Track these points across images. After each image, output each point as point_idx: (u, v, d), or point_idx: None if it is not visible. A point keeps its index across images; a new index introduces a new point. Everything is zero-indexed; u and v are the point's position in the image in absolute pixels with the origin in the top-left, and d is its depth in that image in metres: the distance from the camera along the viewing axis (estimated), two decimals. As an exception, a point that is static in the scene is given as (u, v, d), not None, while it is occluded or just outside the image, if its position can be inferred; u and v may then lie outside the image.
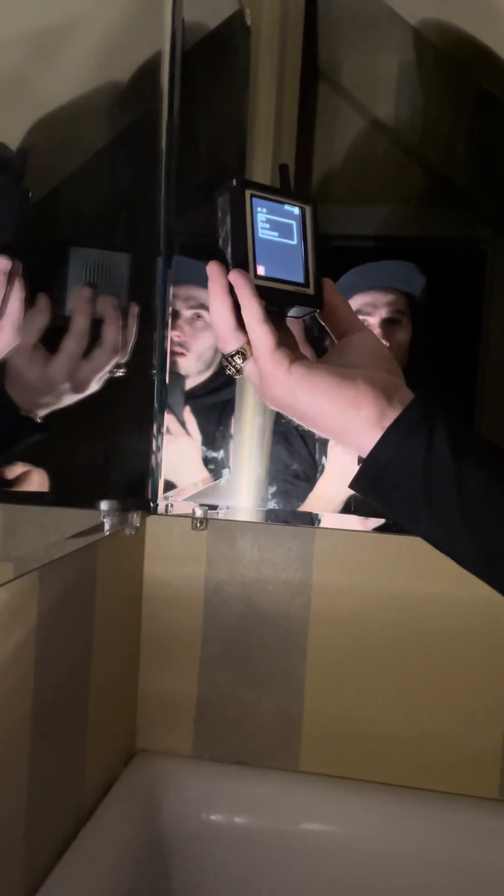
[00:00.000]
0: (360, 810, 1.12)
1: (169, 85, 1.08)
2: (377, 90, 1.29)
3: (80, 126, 0.88)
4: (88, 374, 0.80)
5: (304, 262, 0.65)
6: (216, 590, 1.19)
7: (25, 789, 0.87)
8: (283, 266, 0.64)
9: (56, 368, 0.76)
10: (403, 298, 1.20)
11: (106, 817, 1.03)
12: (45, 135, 0.77)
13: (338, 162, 1.30)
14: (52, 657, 0.91)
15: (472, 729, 1.13)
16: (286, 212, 0.65)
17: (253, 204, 0.62)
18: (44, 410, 0.78)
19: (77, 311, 0.78)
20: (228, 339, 0.62)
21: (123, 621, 1.16)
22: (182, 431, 1.17)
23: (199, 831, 1.12)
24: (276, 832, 1.12)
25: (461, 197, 1.29)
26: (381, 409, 0.58)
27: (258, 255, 0.62)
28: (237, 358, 0.62)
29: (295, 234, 0.65)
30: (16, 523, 0.84)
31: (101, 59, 0.93)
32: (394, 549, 1.14)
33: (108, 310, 0.81)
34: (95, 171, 0.93)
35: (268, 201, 0.63)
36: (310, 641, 1.17)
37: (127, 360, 0.85)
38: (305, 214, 0.66)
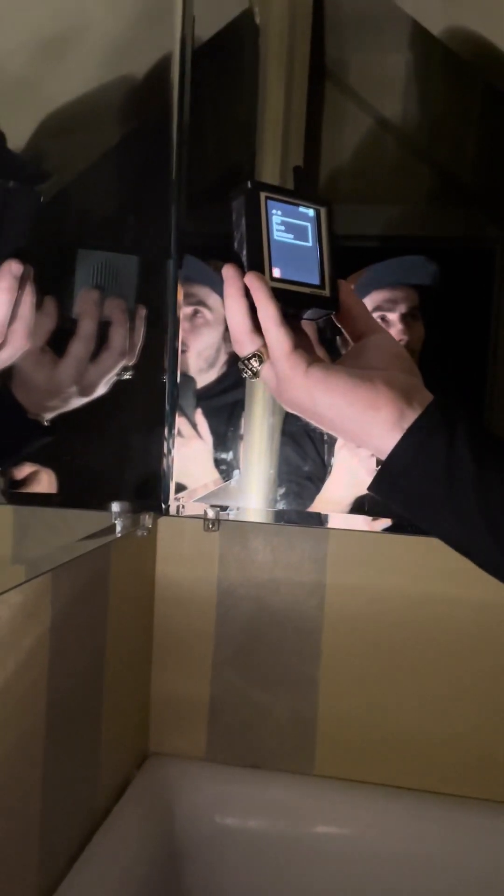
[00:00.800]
0: (374, 814, 1.12)
1: (179, 85, 1.07)
2: (385, 89, 1.28)
3: (90, 127, 0.88)
4: (96, 377, 0.79)
5: (319, 264, 0.65)
6: (229, 591, 1.18)
7: (40, 792, 0.86)
8: (299, 268, 0.63)
9: (63, 371, 0.76)
10: (416, 294, 1.20)
11: (120, 820, 1.03)
12: (54, 136, 0.77)
13: (345, 161, 1.29)
14: (65, 659, 0.90)
15: (487, 732, 1.13)
16: (301, 214, 0.64)
17: (268, 206, 0.62)
18: (51, 413, 0.77)
19: (84, 314, 0.77)
20: (245, 342, 0.62)
21: (136, 623, 1.15)
22: (194, 434, 1.16)
23: (212, 834, 1.12)
24: (290, 836, 1.12)
25: (470, 196, 1.29)
26: (400, 410, 0.57)
27: (273, 257, 0.62)
28: (254, 361, 0.62)
29: (310, 235, 0.65)
30: (28, 525, 0.83)
31: (111, 59, 0.92)
32: (408, 550, 1.13)
33: (115, 313, 0.81)
34: (105, 172, 0.93)
35: (283, 203, 0.63)
36: (324, 643, 1.16)
37: (135, 363, 0.85)
38: (321, 216, 0.65)
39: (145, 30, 1.02)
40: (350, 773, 1.16)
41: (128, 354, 0.83)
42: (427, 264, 1.24)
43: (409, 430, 0.57)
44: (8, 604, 0.78)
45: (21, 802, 0.83)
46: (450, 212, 1.30)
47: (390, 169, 1.30)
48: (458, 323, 1.24)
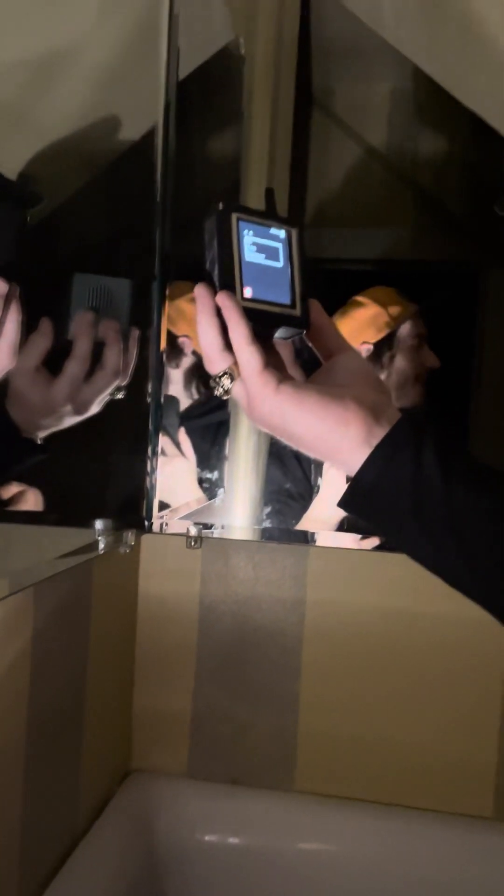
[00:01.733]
0: (355, 829, 1.12)
1: (164, 112, 1.10)
2: (370, 117, 1.31)
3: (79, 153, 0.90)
4: (90, 397, 0.81)
5: (290, 284, 0.66)
6: (211, 608, 1.19)
7: (20, 808, 0.87)
8: (270, 288, 0.64)
9: (58, 390, 0.78)
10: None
11: (100, 837, 1.03)
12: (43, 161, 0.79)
13: (331, 186, 1.32)
14: (47, 674, 0.91)
15: (467, 747, 1.13)
16: (272, 235, 0.65)
17: (239, 227, 0.63)
18: (44, 432, 0.79)
19: (79, 335, 0.79)
20: (216, 360, 0.63)
21: (118, 639, 1.16)
22: (177, 452, 1.18)
23: (193, 851, 1.12)
24: (271, 852, 1.12)
25: (453, 221, 1.31)
26: (368, 427, 0.58)
27: (245, 277, 0.63)
28: (225, 378, 0.62)
29: (281, 256, 0.66)
30: (11, 541, 0.84)
31: (99, 87, 0.95)
32: (387, 566, 1.14)
33: (109, 334, 0.82)
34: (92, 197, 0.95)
35: (254, 224, 0.64)
36: (304, 659, 1.17)
37: (127, 383, 0.86)
38: (291, 237, 0.67)
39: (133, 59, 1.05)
40: (331, 789, 1.16)
41: (121, 374, 0.84)
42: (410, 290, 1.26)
43: (377, 446, 0.58)
44: (-12, 618, 0.79)
45: (1, 817, 0.84)
46: (434, 236, 1.32)
47: (376, 194, 1.33)
48: (442, 344, 1.26)
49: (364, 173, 1.31)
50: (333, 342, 0.67)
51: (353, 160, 1.32)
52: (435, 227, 1.32)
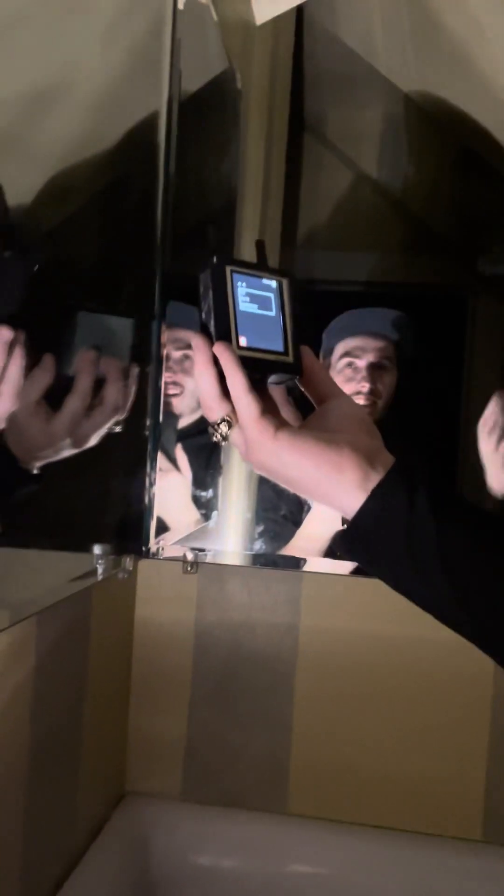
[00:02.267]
0: (347, 852, 1.13)
1: (166, 136, 1.11)
2: (361, 143, 1.33)
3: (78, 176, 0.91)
4: (89, 431, 0.82)
5: (283, 332, 0.68)
6: (206, 633, 1.20)
7: (21, 832, 0.87)
8: (264, 336, 0.67)
9: (59, 425, 0.79)
10: (391, 345, 1.24)
11: (96, 859, 1.04)
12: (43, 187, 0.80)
13: (323, 211, 1.33)
14: (48, 701, 0.92)
15: (456, 770, 1.15)
16: (265, 285, 0.68)
17: (233, 279, 0.66)
18: (41, 462, 0.80)
19: (81, 372, 0.80)
20: (214, 408, 0.65)
21: (115, 664, 1.17)
22: (171, 467, 1.19)
23: (187, 874, 1.13)
24: (265, 874, 1.13)
25: (443, 245, 1.33)
26: (364, 472, 0.60)
27: (240, 326, 0.65)
28: (223, 426, 0.64)
29: (273, 305, 0.68)
30: (11, 567, 0.85)
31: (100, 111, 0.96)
32: (380, 592, 1.14)
33: (110, 371, 0.84)
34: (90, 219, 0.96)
35: (247, 276, 0.67)
36: (297, 684, 1.18)
37: (126, 417, 0.88)
38: (283, 287, 0.69)
39: (134, 83, 1.06)
40: (324, 812, 1.17)
41: (120, 410, 0.86)
42: (401, 316, 1.28)
43: (372, 492, 0.60)
44: (-7, 648, 0.80)
45: (2, 840, 0.84)
46: (423, 260, 1.34)
47: (366, 218, 1.34)
48: (431, 367, 1.28)
49: (355, 198, 1.33)
50: (325, 387, 0.69)
51: (344, 185, 1.33)
52: (424, 252, 1.34)
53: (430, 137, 1.30)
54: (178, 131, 1.13)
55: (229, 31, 1.22)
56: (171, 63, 1.13)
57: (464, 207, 1.31)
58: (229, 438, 0.65)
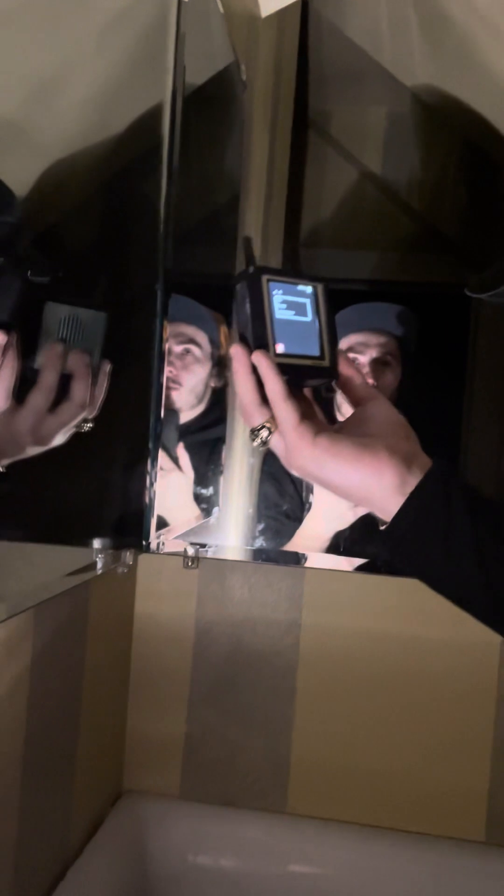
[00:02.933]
0: (347, 852, 1.12)
1: (170, 130, 1.10)
2: (366, 140, 1.32)
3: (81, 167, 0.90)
4: (53, 429, 0.80)
5: (318, 337, 0.69)
6: (206, 629, 1.19)
7: (15, 828, 0.86)
8: (300, 342, 0.68)
9: (21, 421, 0.77)
10: (394, 341, 1.23)
11: (93, 858, 1.02)
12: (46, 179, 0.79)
13: (327, 208, 1.33)
14: (44, 695, 0.91)
15: (459, 771, 1.14)
16: (300, 291, 0.69)
17: (269, 288, 0.67)
18: (6, 460, 0.78)
19: (46, 366, 0.79)
20: (254, 415, 0.66)
21: (113, 660, 1.16)
22: (174, 467, 1.18)
23: (185, 873, 1.12)
24: (263, 874, 1.12)
25: (447, 243, 1.32)
26: (402, 476, 0.62)
27: (276, 334, 0.66)
28: (263, 431, 0.66)
29: (309, 311, 0.69)
30: (9, 560, 0.84)
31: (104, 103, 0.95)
32: (382, 590, 1.15)
33: (78, 366, 0.82)
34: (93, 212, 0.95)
35: (283, 283, 0.68)
36: (298, 682, 1.17)
37: (95, 416, 0.86)
38: (318, 292, 0.70)
39: (138, 76, 1.05)
40: (323, 812, 1.16)
41: (88, 407, 0.84)
42: (403, 313, 1.27)
43: (410, 495, 0.62)
44: (-10, 640, 0.79)
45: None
46: (427, 259, 1.33)
47: (370, 216, 1.34)
48: (434, 368, 1.28)
49: (359, 196, 1.33)
50: (362, 391, 0.70)
51: (348, 183, 1.33)
52: (428, 250, 1.33)
53: (436, 134, 1.29)
54: (181, 125, 1.13)
55: (235, 24, 1.22)
56: (176, 56, 1.12)
57: (468, 206, 1.31)
58: (269, 444, 0.67)
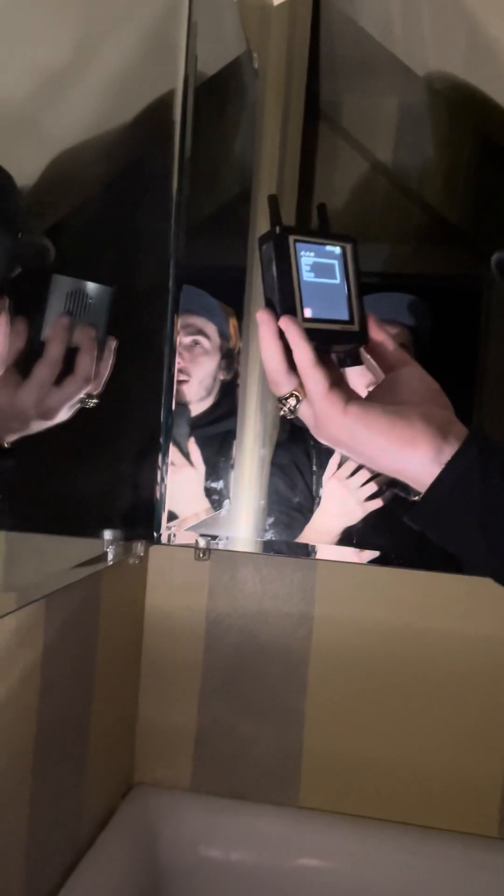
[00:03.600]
0: (358, 847, 1.11)
1: (181, 119, 1.10)
2: (377, 131, 1.31)
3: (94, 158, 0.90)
4: (57, 403, 0.79)
5: (347, 300, 0.66)
6: (217, 621, 1.19)
7: (26, 819, 0.86)
8: (328, 306, 0.65)
9: (25, 394, 0.76)
10: (407, 332, 1.22)
11: (104, 850, 1.02)
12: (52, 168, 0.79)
13: (338, 200, 1.32)
14: (56, 686, 0.90)
15: (473, 766, 1.13)
16: (328, 252, 0.66)
17: (297, 249, 0.64)
18: (12, 436, 0.77)
19: (52, 339, 0.78)
20: (282, 383, 0.63)
21: (124, 652, 1.15)
22: (185, 462, 1.17)
23: (196, 866, 1.11)
24: (274, 868, 1.11)
25: (458, 235, 1.31)
26: (437, 445, 0.59)
27: (304, 298, 0.63)
28: (290, 400, 0.63)
29: (338, 273, 0.66)
30: (20, 551, 0.84)
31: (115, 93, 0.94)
32: (396, 582, 1.14)
33: (84, 340, 0.81)
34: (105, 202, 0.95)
35: (310, 244, 0.65)
36: (310, 675, 1.16)
37: (99, 392, 0.85)
38: (346, 253, 0.67)
39: (149, 65, 1.04)
40: (335, 805, 1.15)
41: (92, 382, 0.83)
42: (416, 303, 1.26)
43: (447, 465, 0.59)
44: (2, 629, 0.78)
45: (7, 829, 0.83)
46: (438, 251, 1.32)
47: (381, 208, 1.33)
48: (444, 361, 1.26)
49: (370, 187, 1.32)
50: (394, 356, 0.67)
51: (359, 174, 1.32)
52: (439, 242, 1.32)
53: (448, 125, 1.28)
54: (193, 116, 1.12)
55: (247, 13, 1.21)
56: (188, 45, 1.11)
57: (480, 197, 1.29)
58: (297, 413, 0.64)
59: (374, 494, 1.14)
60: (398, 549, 1.13)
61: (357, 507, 1.15)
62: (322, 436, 0.63)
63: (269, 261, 0.64)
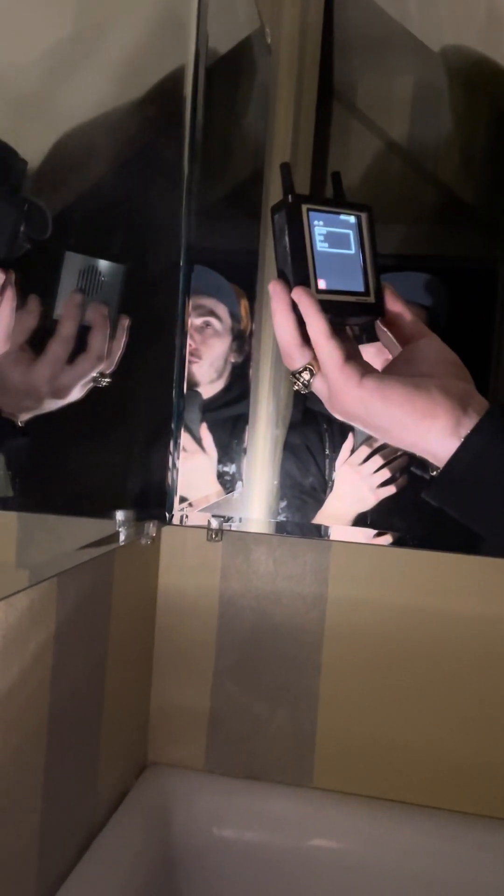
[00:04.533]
0: (372, 828, 1.11)
1: (192, 99, 1.09)
2: (391, 110, 1.30)
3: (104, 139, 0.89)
4: (70, 381, 0.78)
5: (363, 271, 0.65)
6: (230, 602, 1.18)
7: (40, 798, 0.86)
8: (343, 277, 0.63)
9: (39, 372, 0.75)
10: (423, 312, 1.21)
11: (117, 830, 1.02)
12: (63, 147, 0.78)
13: (352, 180, 1.30)
14: (68, 665, 0.90)
15: (487, 748, 1.12)
16: (342, 221, 0.64)
17: (310, 218, 0.62)
18: (26, 414, 0.76)
19: (65, 316, 0.77)
20: (295, 356, 0.62)
21: (137, 632, 1.16)
22: (198, 449, 1.17)
23: (209, 846, 1.11)
24: (287, 848, 1.11)
25: (474, 216, 1.30)
26: (456, 418, 0.58)
27: (318, 269, 0.62)
28: (305, 374, 0.62)
29: (352, 243, 0.65)
30: (32, 532, 0.84)
31: (125, 73, 0.94)
32: (410, 563, 1.13)
33: (96, 318, 0.80)
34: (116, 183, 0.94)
35: (324, 213, 0.63)
36: (324, 656, 1.16)
37: (112, 371, 0.84)
38: (362, 222, 0.65)
39: (160, 44, 1.03)
40: (349, 787, 1.15)
41: (105, 361, 0.82)
42: (432, 283, 1.25)
43: (466, 438, 0.57)
44: (15, 607, 0.78)
45: (21, 809, 0.83)
46: (453, 232, 1.31)
47: (395, 188, 1.31)
48: (459, 342, 1.25)
49: (385, 168, 1.30)
50: (411, 328, 0.66)
51: (373, 154, 1.30)
52: (455, 223, 1.30)
53: (464, 103, 1.26)
54: (205, 94, 1.11)
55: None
56: (198, 22, 1.10)
57: (497, 177, 1.28)
58: (311, 387, 0.63)
59: (388, 481, 1.13)
60: (412, 531, 1.12)
61: (370, 494, 1.14)
62: (337, 410, 0.62)
63: (282, 231, 0.62)
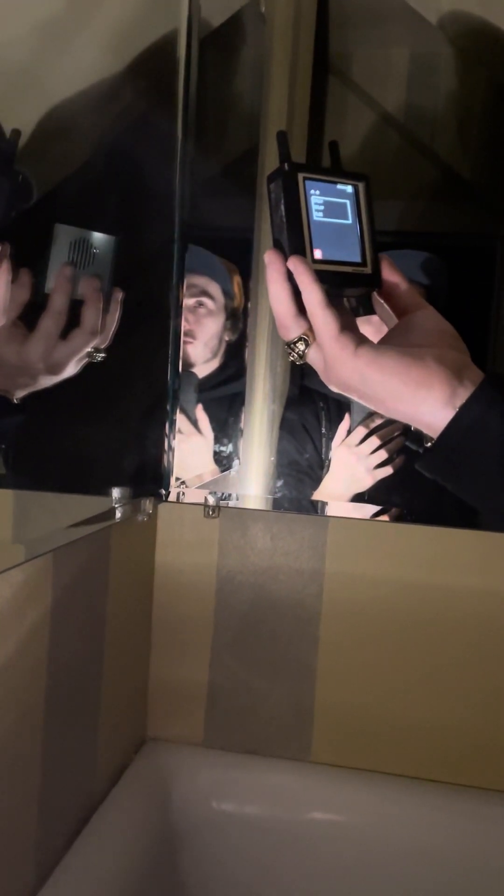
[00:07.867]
0: (370, 801, 1.12)
1: (185, 72, 1.07)
2: (388, 83, 1.28)
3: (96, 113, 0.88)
4: (65, 356, 0.78)
5: (360, 241, 0.64)
6: (228, 578, 1.18)
7: (39, 773, 0.87)
8: (340, 247, 0.63)
9: (32, 348, 0.74)
10: (422, 290, 1.20)
11: (117, 804, 1.03)
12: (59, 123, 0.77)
13: (348, 155, 1.29)
14: (65, 640, 0.91)
15: (485, 721, 1.13)
16: (339, 191, 0.64)
17: (306, 187, 0.62)
18: (21, 391, 0.76)
19: (57, 290, 0.76)
20: (290, 327, 0.62)
21: (135, 608, 1.16)
22: (194, 431, 1.17)
23: (208, 820, 1.12)
24: (286, 822, 1.12)
25: (473, 192, 1.29)
26: (452, 388, 0.57)
27: (314, 238, 0.61)
28: (300, 344, 0.62)
29: (349, 212, 0.64)
30: (28, 509, 0.84)
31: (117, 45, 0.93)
32: (408, 538, 1.13)
33: (89, 292, 0.79)
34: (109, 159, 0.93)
35: (321, 182, 0.63)
36: (322, 631, 1.16)
37: (107, 346, 0.83)
38: (359, 192, 0.65)
39: (152, 16, 1.02)
40: (347, 761, 1.16)
41: (100, 335, 0.82)
42: (430, 260, 1.24)
43: (461, 407, 0.57)
44: (10, 582, 0.78)
45: (20, 783, 0.83)
46: (451, 207, 1.30)
47: (392, 163, 1.30)
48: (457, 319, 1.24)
49: (381, 141, 1.29)
50: (408, 299, 0.65)
51: (370, 128, 1.29)
52: (453, 198, 1.29)
53: (462, 75, 1.25)
54: (198, 68, 1.10)
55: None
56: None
57: (495, 152, 1.27)
58: (306, 357, 0.62)
59: (384, 462, 1.13)
60: (410, 505, 1.12)
61: (366, 475, 1.14)
62: (332, 380, 0.62)
63: (278, 199, 0.62)
